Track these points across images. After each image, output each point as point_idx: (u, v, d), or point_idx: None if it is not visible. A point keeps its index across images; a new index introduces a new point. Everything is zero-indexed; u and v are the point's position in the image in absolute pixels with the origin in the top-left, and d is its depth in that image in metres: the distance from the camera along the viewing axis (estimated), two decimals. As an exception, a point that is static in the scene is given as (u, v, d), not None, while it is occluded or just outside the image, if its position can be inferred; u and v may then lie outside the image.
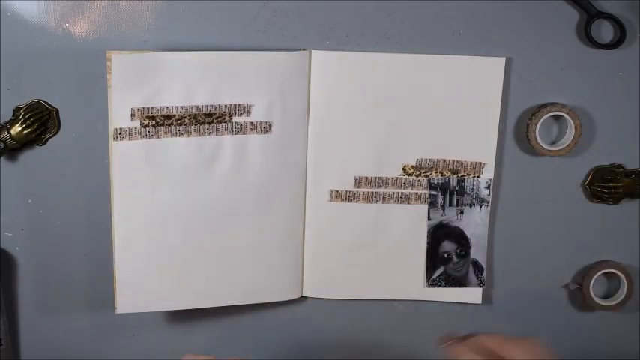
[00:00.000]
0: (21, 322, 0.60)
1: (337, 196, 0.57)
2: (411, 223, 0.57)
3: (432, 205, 0.57)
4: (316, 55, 0.54)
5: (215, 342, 0.61)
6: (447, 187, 0.57)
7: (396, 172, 0.57)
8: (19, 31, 0.55)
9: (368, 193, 0.57)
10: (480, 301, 0.59)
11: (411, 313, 0.60)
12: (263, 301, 0.58)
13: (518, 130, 0.57)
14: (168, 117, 0.54)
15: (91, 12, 0.55)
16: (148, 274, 0.56)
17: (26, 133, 0.56)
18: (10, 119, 0.56)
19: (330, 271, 0.58)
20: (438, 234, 0.58)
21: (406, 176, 0.57)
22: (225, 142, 0.55)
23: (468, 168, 0.57)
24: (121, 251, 0.55)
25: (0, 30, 0.55)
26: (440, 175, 0.57)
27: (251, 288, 0.58)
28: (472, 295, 0.59)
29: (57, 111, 0.57)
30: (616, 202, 0.58)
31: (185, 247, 0.56)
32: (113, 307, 0.57)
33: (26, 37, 0.55)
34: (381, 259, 0.58)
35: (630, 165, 0.58)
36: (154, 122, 0.54)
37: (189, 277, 0.57)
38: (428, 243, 0.58)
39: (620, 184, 0.58)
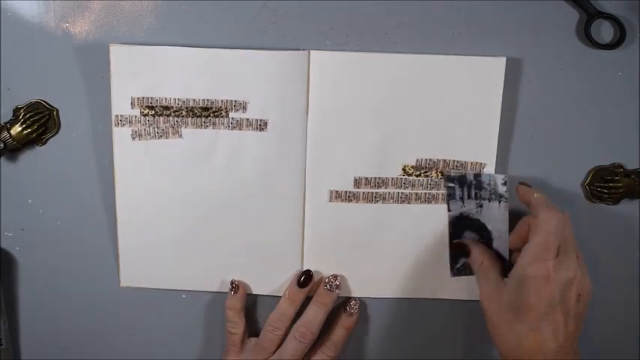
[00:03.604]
0: (21, 322, 0.60)
1: (337, 196, 0.57)
2: (411, 223, 0.57)
3: (450, 196, 0.57)
4: (316, 55, 0.55)
5: (214, 341, 0.61)
6: (464, 181, 0.57)
7: (396, 172, 0.57)
8: (19, 31, 0.55)
9: (368, 193, 0.57)
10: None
11: (412, 312, 0.60)
12: (263, 293, 0.59)
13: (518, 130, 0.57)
14: (167, 108, 0.55)
15: (91, 12, 0.55)
16: (150, 253, 0.58)
17: (26, 133, 0.56)
18: (10, 119, 0.56)
19: (330, 270, 0.58)
20: (459, 225, 0.57)
21: (406, 176, 0.57)
22: (221, 136, 0.56)
23: (469, 168, 0.57)
24: (123, 229, 0.58)
25: (0, 30, 0.55)
26: (440, 175, 0.57)
27: (249, 282, 0.59)
28: (476, 292, 0.59)
29: (57, 111, 0.57)
30: (616, 202, 0.58)
31: (182, 234, 0.58)
32: (118, 282, 0.59)
33: (26, 37, 0.55)
34: (381, 259, 0.58)
35: (630, 165, 0.58)
36: (153, 112, 0.55)
37: (188, 262, 0.58)
38: (450, 234, 0.58)
39: (620, 184, 0.58)
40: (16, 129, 0.56)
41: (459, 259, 0.58)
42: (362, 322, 0.60)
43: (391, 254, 0.58)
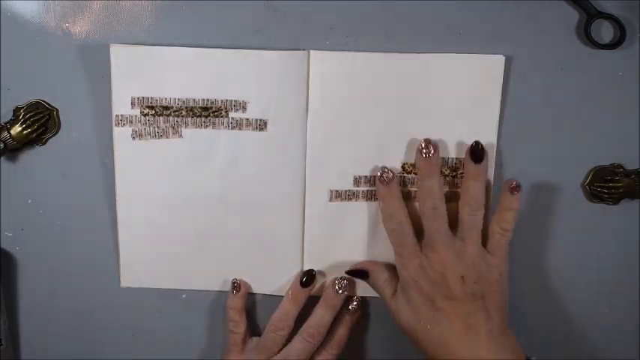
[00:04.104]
0: (21, 322, 0.60)
1: (337, 195, 0.57)
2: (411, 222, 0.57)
3: None
4: (316, 55, 0.55)
5: (215, 341, 0.61)
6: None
7: (396, 171, 0.57)
8: (19, 31, 0.55)
9: (368, 191, 0.57)
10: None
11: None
12: (263, 292, 0.59)
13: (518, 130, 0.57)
14: (167, 108, 0.55)
15: (90, 12, 0.55)
16: (150, 253, 0.58)
17: (26, 133, 0.56)
18: (10, 119, 0.56)
19: (330, 270, 0.58)
20: None
21: (406, 174, 0.57)
22: (221, 135, 0.56)
23: (468, 168, 0.57)
24: (124, 229, 0.58)
25: (0, 30, 0.55)
26: (440, 174, 0.57)
27: (250, 281, 0.59)
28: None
29: (57, 111, 0.57)
30: (616, 202, 0.58)
31: (183, 233, 0.58)
32: (118, 282, 0.59)
33: (26, 37, 0.55)
34: (381, 259, 0.58)
35: (630, 165, 0.58)
36: (153, 112, 0.55)
37: (189, 261, 0.58)
38: None
39: (620, 184, 0.58)
40: (16, 129, 0.56)
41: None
42: (362, 322, 0.60)
43: (391, 254, 0.58)
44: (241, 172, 0.57)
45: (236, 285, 0.58)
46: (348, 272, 0.57)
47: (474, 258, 0.52)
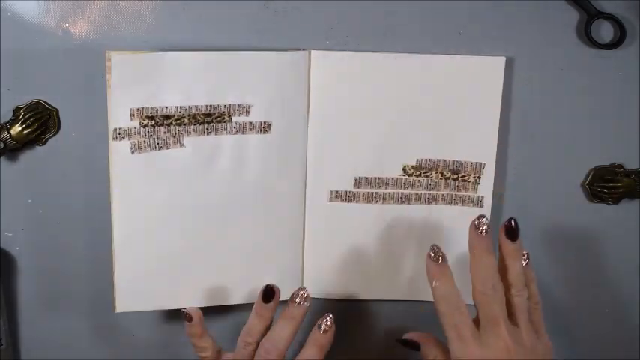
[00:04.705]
0: (21, 322, 0.60)
1: (337, 196, 0.57)
2: (411, 224, 0.57)
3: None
4: (316, 55, 0.55)
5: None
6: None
7: (397, 173, 0.57)
8: (19, 31, 0.55)
9: (368, 193, 0.57)
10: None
11: (412, 314, 0.60)
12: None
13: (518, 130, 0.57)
14: (168, 117, 0.54)
15: (90, 12, 0.55)
16: (148, 273, 0.56)
17: (26, 133, 0.56)
18: (10, 119, 0.56)
19: (330, 271, 0.58)
20: None
21: (406, 176, 0.57)
22: (224, 142, 0.55)
23: (469, 168, 0.57)
24: (120, 250, 0.55)
25: (0, 30, 0.55)
26: (440, 175, 0.57)
27: (251, 288, 0.58)
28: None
29: (57, 111, 0.57)
30: (616, 202, 0.58)
31: (184, 247, 0.56)
32: (113, 307, 0.57)
33: (26, 37, 0.55)
34: (381, 260, 0.58)
35: (630, 165, 0.58)
36: (153, 122, 0.54)
37: (189, 277, 0.57)
38: None
39: (620, 184, 0.58)
40: (16, 129, 0.56)
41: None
42: (362, 324, 0.60)
43: (391, 255, 0.58)
44: (244, 177, 0.56)
45: (187, 316, 0.53)
46: (398, 340, 0.53)
47: (531, 343, 0.48)
